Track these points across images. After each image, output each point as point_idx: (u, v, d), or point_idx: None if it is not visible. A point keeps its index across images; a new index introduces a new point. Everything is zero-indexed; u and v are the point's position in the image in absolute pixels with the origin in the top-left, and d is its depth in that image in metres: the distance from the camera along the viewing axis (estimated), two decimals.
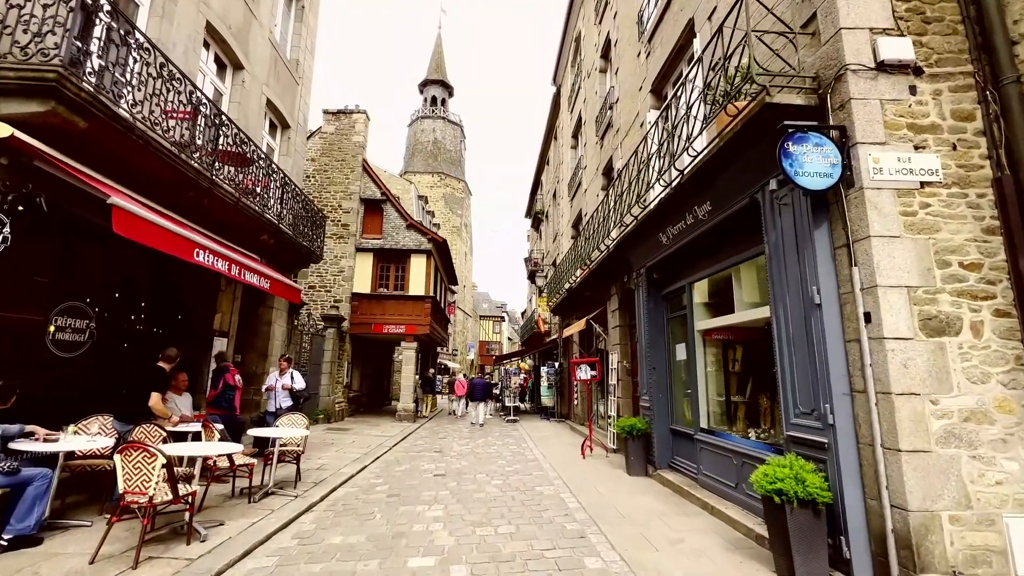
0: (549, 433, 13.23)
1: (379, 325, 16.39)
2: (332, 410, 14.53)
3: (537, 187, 27.43)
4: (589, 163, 13.20)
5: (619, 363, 9.61)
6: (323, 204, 16.93)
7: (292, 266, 11.02)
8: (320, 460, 8.47)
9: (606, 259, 9.36)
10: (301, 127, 11.88)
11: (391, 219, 17.36)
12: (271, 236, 8.97)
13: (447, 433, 13.44)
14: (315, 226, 11.22)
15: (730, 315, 5.60)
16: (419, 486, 6.84)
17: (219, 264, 6.09)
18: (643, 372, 7.68)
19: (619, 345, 9.69)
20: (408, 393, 16.27)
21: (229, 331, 8.84)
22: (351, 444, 10.57)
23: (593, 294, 11.63)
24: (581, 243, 12.06)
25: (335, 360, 14.94)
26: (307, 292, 16.35)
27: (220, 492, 5.93)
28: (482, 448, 10.55)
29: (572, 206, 15.83)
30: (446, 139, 51.82)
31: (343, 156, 17.41)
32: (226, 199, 7.27)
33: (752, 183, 4.56)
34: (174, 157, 5.97)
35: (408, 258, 17.12)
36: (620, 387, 9.52)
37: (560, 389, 16.76)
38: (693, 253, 6.22)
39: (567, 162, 17.15)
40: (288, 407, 7.75)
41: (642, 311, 7.71)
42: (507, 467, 8.25)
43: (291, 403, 7.82)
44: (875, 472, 3.27)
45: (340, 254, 16.67)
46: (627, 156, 9.19)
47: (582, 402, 13.68)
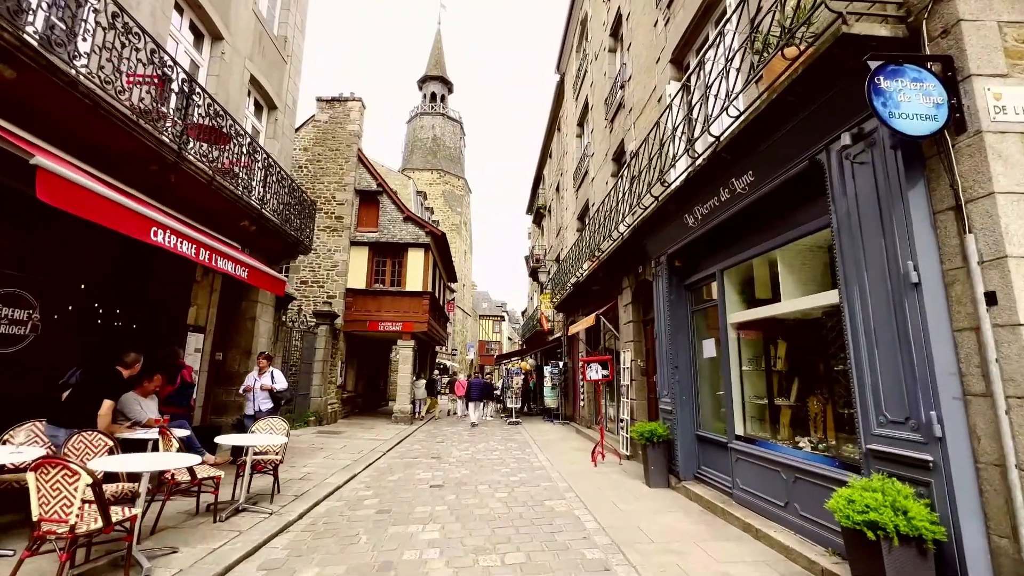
0: (554, 436, 12.44)
1: (375, 322, 15.60)
2: (324, 412, 13.74)
3: (539, 182, 26.67)
4: (597, 150, 12.42)
5: (632, 362, 8.83)
6: (316, 195, 16.16)
7: (279, 257, 10.22)
8: (305, 468, 7.68)
9: (619, 248, 8.58)
10: (290, 109, 11.09)
11: (387, 211, 16.57)
12: (253, 222, 8.17)
13: (445, 436, 12.64)
14: (304, 214, 10.43)
15: (773, 305, 4.82)
16: (413, 500, 6.05)
17: (184, 247, 5.31)
18: (663, 372, 6.90)
19: (632, 342, 8.91)
20: (405, 394, 15.49)
21: (206, 326, 8.05)
22: (341, 449, 9.78)
23: (602, 288, 10.85)
24: (588, 235, 11.28)
25: (327, 359, 14.15)
26: (299, 287, 15.58)
27: (183, 508, 5.13)
28: (483, 454, 9.76)
29: (577, 197, 15.05)
30: (445, 136, 51.11)
31: (337, 145, 16.63)
32: (198, 177, 6.48)
33: (811, 142, 3.78)
34: (131, 124, 5.18)
35: (405, 252, 16.33)
36: (634, 388, 8.73)
37: (564, 390, 15.98)
38: (727, 234, 5.43)
39: (572, 152, 16.37)
40: (268, 410, 6.94)
41: (662, 304, 6.93)
42: (511, 476, 7.46)
43: (271, 405, 7.01)
44: (1006, 502, 2.50)
45: (334, 248, 15.88)
46: (642, 136, 8.42)
47: (589, 404, 12.90)
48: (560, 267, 15.91)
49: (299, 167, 16.39)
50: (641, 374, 8.75)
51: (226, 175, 7.17)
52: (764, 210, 4.72)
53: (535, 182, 27.39)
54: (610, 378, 8.62)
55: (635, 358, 8.81)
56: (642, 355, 8.83)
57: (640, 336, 8.91)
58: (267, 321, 10.17)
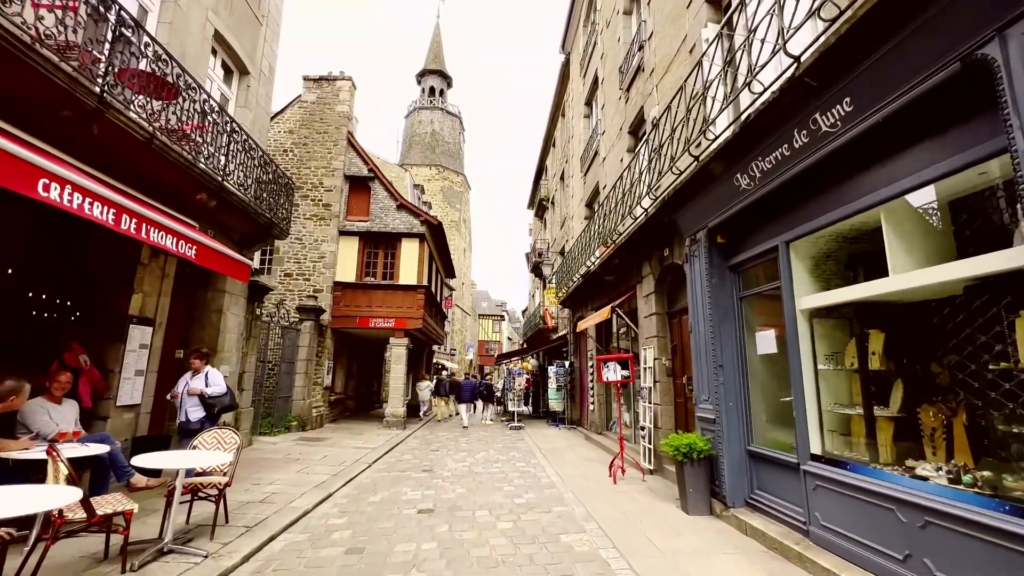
0: (561, 444, 11.21)
1: (365, 318, 14.37)
2: (308, 416, 12.50)
3: (541, 174, 25.48)
4: (609, 125, 11.20)
5: (656, 360, 7.61)
6: (302, 181, 14.94)
7: (251, 241, 9.00)
8: (270, 486, 6.46)
9: (641, 228, 7.37)
10: (265, 77, 9.87)
11: (379, 199, 15.35)
12: (212, 196, 6.95)
13: (441, 444, 11.41)
14: (280, 193, 9.21)
15: (876, 282, 3.59)
16: (395, 532, 4.82)
17: (96, 210, 4.10)
18: (700, 372, 5.68)
19: (655, 338, 7.68)
20: (397, 396, 14.25)
21: (156, 318, 6.82)
22: (321, 460, 8.55)
23: (617, 278, 9.63)
24: (599, 220, 10.08)
25: (312, 358, 12.92)
26: (283, 280, 14.35)
27: (85, 552, 3.91)
28: (483, 466, 8.53)
29: (585, 182, 13.83)
30: (444, 131, 49.94)
31: (325, 128, 15.41)
32: (132, 133, 5.27)
33: (967, 33, 2.57)
34: (24, 50, 3.98)
35: (398, 243, 15.10)
36: (658, 391, 7.51)
37: (571, 392, 14.76)
38: (799, 194, 4.21)
39: (579, 135, 15.16)
40: (200, 419, 5.65)
41: (699, 290, 5.71)
42: (516, 497, 6.24)
43: (202, 415, 5.70)
44: None
45: (321, 237, 14.65)
46: (667, 97, 7.21)
47: (600, 407, 11.68)
48: (566, 260, 14.70)
49: (284, 151, 15.17)
50: (667, 375, 7.53)
51: (174, 136, 5.95)
52: (862, 153, 3.50)
53: (537, 175, 26.21)
54: (631, 379, 7.39)
55: (659, 356, 7.59)
56: (667, 353, 7.61)
57: (665, 331, 7.69)
58: (237, 314, 8.95)
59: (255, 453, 8.84)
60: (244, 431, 9.28)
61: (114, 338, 6.21)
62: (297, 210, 14.73)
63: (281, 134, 15.33)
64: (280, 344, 12.10)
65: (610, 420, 11.47)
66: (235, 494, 5.91)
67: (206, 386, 5.69)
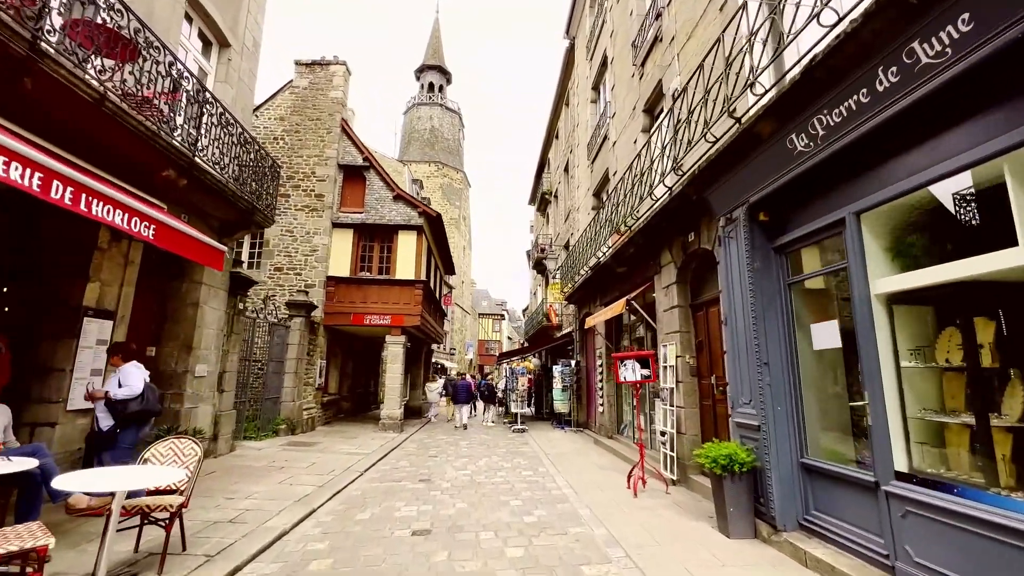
0: (568, 448, 10.44)
1: (359, 315, 13.60)
2: (298, 418, 11.72)
3: (543, 168, 24.72)
4: (621, 107, 10.43)
5: (679, 359, 6.84)
6: (293, 171, 14.18)
7: (232, 228, 8.21)
8: (246, 501, 5.68)
9: (661, 212, 6.61)
10: (249, 52, 9.08)
11: (375, 189, 14.57)
12: (181, 173, 6.18)
13: (439, 448, 10.64)
14: (264, 176, 8.43)
15: (993, 254, 2.82)
16: (384, 563, 4.05)
17: (15, 172, 3.34)
18: (737, 371, 4.92)
19: (677, 334, 6.91)
20: (394, 397, 13.47)
21: (117, 310, 6.03)
22: (308, 468, 7.77)
23: (631, 269, 8.86)
24: (609, 209, 9.32)
25: (302, 357, 12.14)
26: (272, 275, 13.58)
27: None
28: (485, 474, 7.76)
29: (593, 170, 13.06)
30: (444, 127, 49.21)
31: (318, 115, 14.63)
32: (76, 91, 4.49)
33: None
34: None
35: (395, 235, 14.33)
36: (681, 392, 6.74)
37: (577, 392, 13.99)
38: (880, 148, 3.44)
39: (585, 122, 14.39)
40: (109, 429, 4.55)
41: (736, 276, 4.95)
42: (525, 515, 5.46)
43: (111, 423, 4.55)
44: None
45: (313, 230, 13.87)
46: (692, 65, 6.45)
47: (611, 409, 10.91)
48: (571, 254, 13.93)
49: (274, 138, 14.39)
50: (691, 374, 6.76)
51: (132, 100, 5.18)
52: (978, 88, 2.74)
53: (538, 169, 25.45)
54: (652, 379, 6.61)
55: (682, 354, 6.82)
56: (691, 349, 6.84)
57: (688, 325, 6.92)
58: (216, 308, 8.17)
59: (236, 460, 8.06)
60: (225, 436, 8.51)
61: (65, 332, 5.44)
62: (288, 201, 13.98)
63: (271, 121, 14.55)
64: (268, 342, 11.31)
65: (621, 423, 10.71)
66: (203, 511, 5.15)
67: (119, 387, 4.58)
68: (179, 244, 5.27)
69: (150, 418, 4.80)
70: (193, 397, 7.62)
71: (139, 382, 4.63)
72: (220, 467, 7.46)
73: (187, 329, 7.65)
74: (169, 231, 5.00)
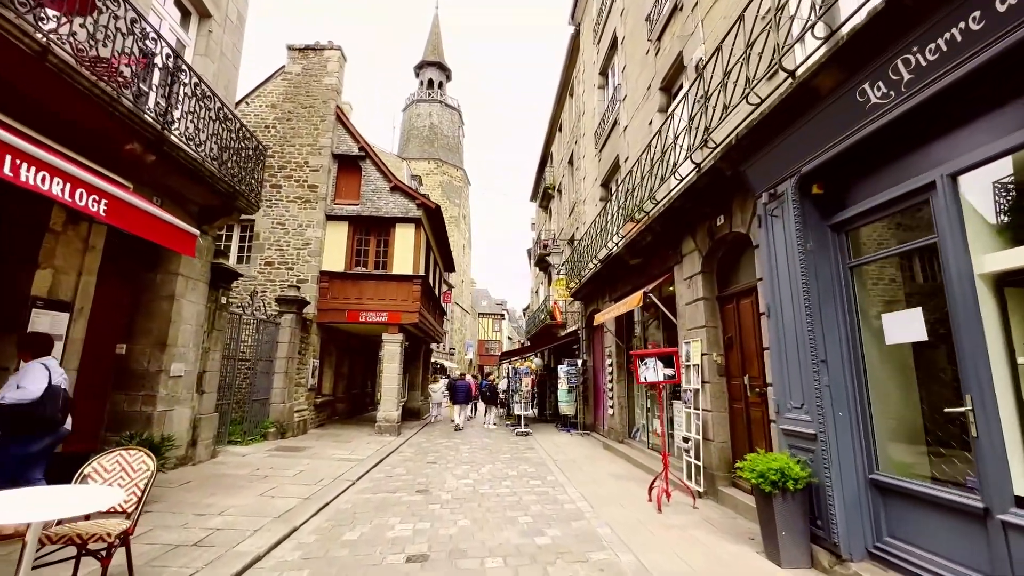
0: (577, 454, 9.75)
1: (354, 312, 12.90)
2: (288, 421, 11.02)
3: (545, 163, 24.06)
4: (633, 87, 9.75)
5: (704, 357, 6.16)
6: (286, 160, 13.49)
7: (211, 214, 7.52)
8: (218, 518, 4.98)
9: (686, 193, 5.93)
10: (233, 24, 8.39)
11: (371, 180, 13.87)
12: (149, 148, 5.49)
13: (439, 453, 9.94)
14: (246, 158, 7.75)
15: None
16: None
17: None
18: (783, 370, 4.24)
19: (703, 329, 6.23)
20: (391, 399, 12.77)
21: (75, 301, 5.33)
22: (294, 477, 7.08)
23: (646, 260, 8.18)
24: (621, 197, 8.66)
25: (294, 356, 11.44)
26: (263, 269, 12.88)
27: None
28: (489, 484, 7.07)
29: (601, 159, 12.38)
30: (443, 124, 48.54)
31: (311, 102, 13.93)
32: (13, 40, 3.80)
33: None
34: None
35: (392, 229, 13.63)
36: (708, 394, 6.05)
37: (584, 394, 13.29)
38: (987, 93, 2.75)
39: (592, 110, 13.71)
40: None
41: (782, 260, 4.27)
42: (537, 535, 4.77)
43: None
44: None
45: (306, 222, 13.17)
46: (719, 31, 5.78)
47: (621, 412, 10.21)
48: (577, 248, 13.26)
49: (265, 126, 13.69)
50: (718, 374, 6.07)
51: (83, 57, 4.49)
52: None
53: (541, 164, 24.80)
54: (678, 380, 5.91)
55: (708, 351, 6.13)
56: (719, 346, 6.15)
57: (715, 319, 6.23)
58: (195, 302, 7.48)
59: (216, 468, 7.36)
60: (206, 441, 7.81)
61: (8, 325, 4.74)
62: (279, 192, 13.29)
63: (262, 108, 13.86)
64: (256, 340, 10.60)
65: (633, 427, 10.02)
66: (166, 532, 4.46)
67: (16, 388, 3.74)
68: (139, 224, 4.59)
69: (48, 429, 3.86)
70: (168, 399, 6.93)
71: (37, 384, 3.78)
72: (197, 476, 6.76)
73: (161, 324, 6.96)
74: (125, 208, 4.32)
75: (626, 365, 10.31)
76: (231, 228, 13.27)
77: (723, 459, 5.84)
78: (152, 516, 4.90)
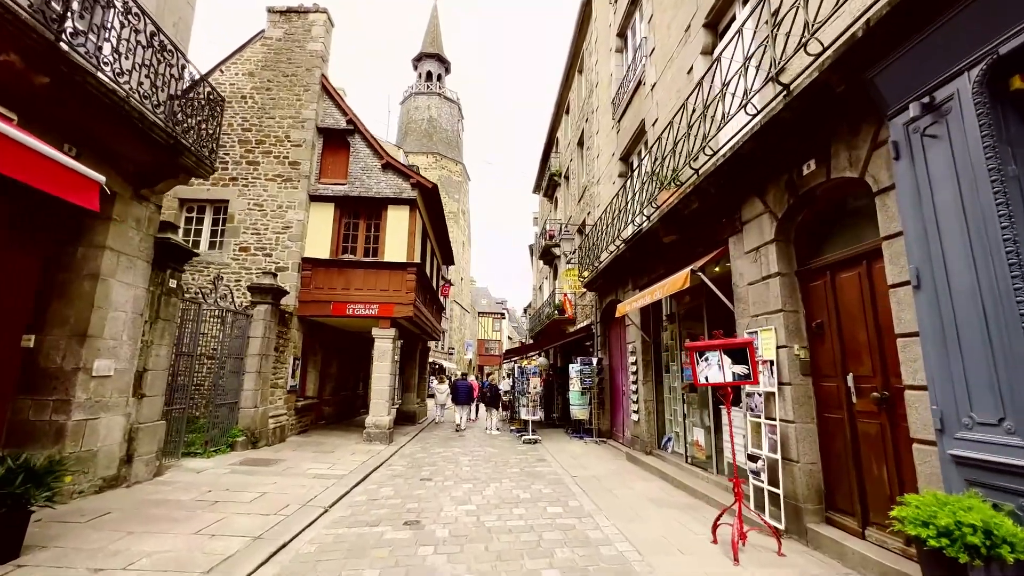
0: (599, 469, 8.27)
1: (341, 303, 11.42)
2: (262, 428, 9.53)
3: (550, 150, 22.62)
4: (664, 35, 8.27)
5: (781, 350, 4.69)
6: (264, 134, 12.02)
7: (152, 175, 6.05)
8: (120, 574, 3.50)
9: (758, 136, 4.46)
10: None
11: (360, 157, 12.40)
12: (33, 65, 4.02)
13: (435, 466, 8.45)
14: (198, 107, 6.27)
15: None
16: None
17: None
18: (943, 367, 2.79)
19: (778, 314, 4.76)
20: (381, 402, 11.29)
21: None
22: (253, 502, 5.60)
23: (688, 235, 6.72)
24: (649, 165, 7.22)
25: (269, 353, 9.95)
26: (237, 256, 11.40)
27: None
28: (497, 513, 5.59)
29: (620, 130, 10.92)
30: (442, 117, 47.16)
31: (294, 70, 12.46)
32: None
33: None
34: None
35: (384, 211, 12.15)
36: (786, 399, 4.58)
37: (599, 396, 11.81)
38: None
39: (608, 78, 12.25)
40: None
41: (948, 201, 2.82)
42: None
43: None
44: None
45: (286, 203, 11.69)
46: None
47: (649, 418, 8.73)
48: (590, 235, 11.79)
49: (242, 96, 12.22)
50: (802, 373, 4.60)
51: None
52: None
53: (545, 151, 23.37)
54: (754, 380, 4.42)
55: (787, 343, 4.66)
56: (801, 337, 4.68)
57: (795, 301, 4.76)
58: (131, 284, 6.01)
59: (155, 492, 5.87)
60: (145, 456, 6.33)
61: None
62: (257, 169, 11.82)
63: (239, 77, 12.38)
64: (226, 334, 9.10)
65: (663, 436, 8.55)
66: None
67: None
68: (10, 161, 3.13)
69: None
70: (90, 405, 5.46)
71: None
72: (124, 504, 5.28)
73: (82, 310, 5.48)
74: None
75: (654, 363, 8.84)
76: (202, 210, 11.80)
77: (812, 487, 4.38)
78: (21, 573, 3.42)
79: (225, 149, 11.89)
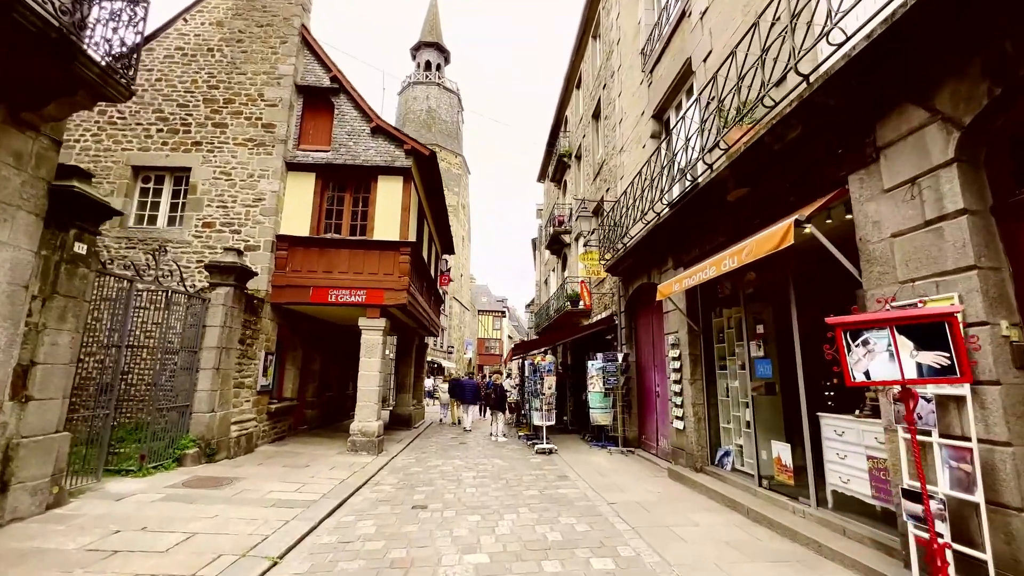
0: (639, 491, 6.55)
1: (322, 289, 9.69)
2: (222, 436, 7.79)
3: (559, 129, 20.95)
4: None
5: (968, 329, 2.97)
6: (233, 92, 10.29)
7: (36, 93, 4.32)
8: None
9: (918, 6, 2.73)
10: None
11: (346, 120, 10.67)
12: None
13: (433, 488, 6.71)
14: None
15: None
16: None
17: None
18: None
19: (973, 273, 3.05)
20: (369, 405, 9.58)
21: None
22: (167, 552, 3.87)
23: (764, 187, 5.00)
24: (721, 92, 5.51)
25: (231, 346, 8.20)
26: (200, 233, 9.66)
27: None
28: (516, 562, 3.88)
29: (653, 83, 9.19)
30: (441, 108, 45.52)
31: (269, 19, 10.73)
32: None
33: None
34: None
35: (373, 182, 10.43)
36: (995, 403, 2.87)
37: (627, 398, 10.08)
38: None
39: (635, 25, 10.53)
40: None
41: None
42: None
43: None
44: None
45: (258, 171, 9.96)
46: None
47: (699, 425, 6.99)
48: (612, 213, 10.10)
49: (208, 49, 10.49)
50: (1016, 365, 2.89)
51: None
52: None
53: (552, 133, 21.71)
54: (964, 375, 2.73)
55: (986, 319, 2.95)
56: (1010, 309, 2.97)
57: (993, 253, 3.05)
58: (13, 247, 4.27)
59: (41, 530, 4.13)
60: (30, 483, 4.59)
61: None
62: (224, 132, 10.10)
63: (205, 27, 10.65)
64: (183, 322, 7.37)
65: (717, 449, 6.83)
66: None
67: None
68: None
69: None
70: None
71: None
72: None
73: None
74: None
75: (704, 357, 7.13)
76: (160, 180, 10.07)
77: None
78: None
79: (187, 109, 10.17)
